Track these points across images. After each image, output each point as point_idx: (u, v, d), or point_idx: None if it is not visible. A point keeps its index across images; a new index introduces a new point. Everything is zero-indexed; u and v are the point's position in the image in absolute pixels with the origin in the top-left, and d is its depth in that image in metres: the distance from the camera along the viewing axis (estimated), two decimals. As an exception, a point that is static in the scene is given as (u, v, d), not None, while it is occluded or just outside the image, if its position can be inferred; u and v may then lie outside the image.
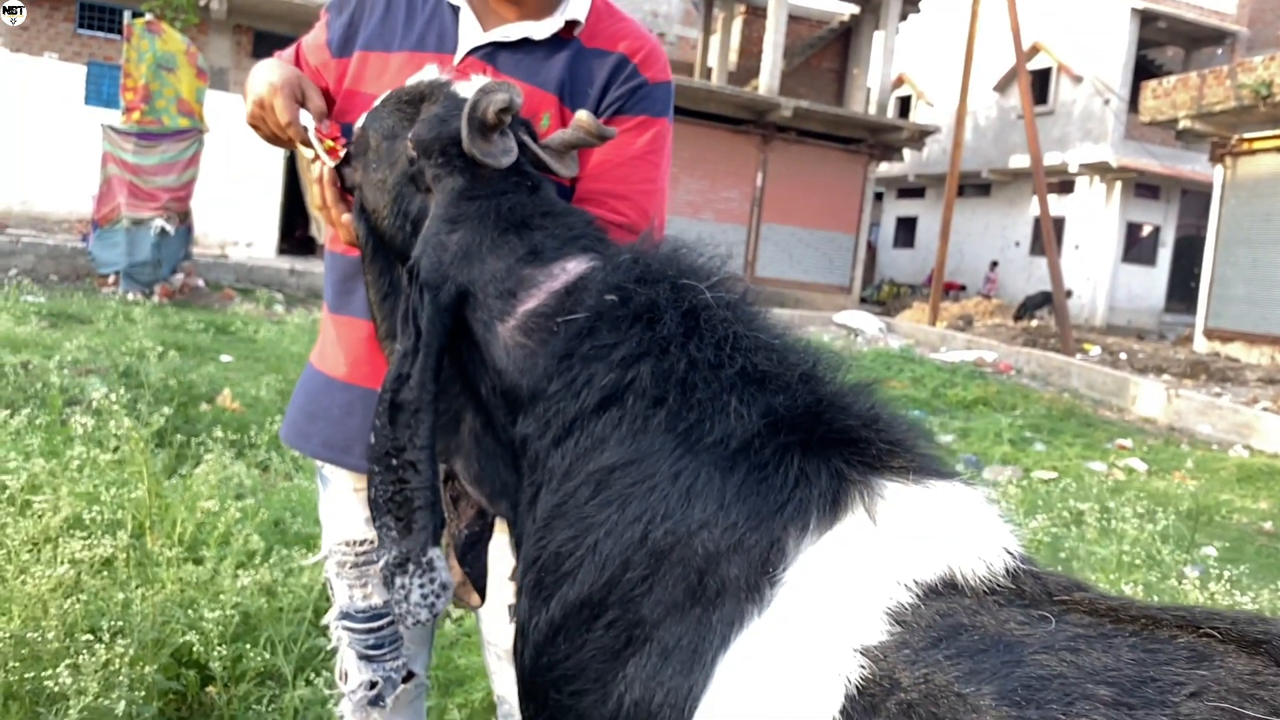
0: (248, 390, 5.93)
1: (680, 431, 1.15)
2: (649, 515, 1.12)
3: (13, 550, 1.89)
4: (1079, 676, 0.85)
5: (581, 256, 1.32)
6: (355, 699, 1.80)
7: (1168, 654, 0.86)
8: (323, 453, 1.74)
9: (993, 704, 0.85)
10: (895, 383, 10.13)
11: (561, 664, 1.16)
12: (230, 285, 12.42)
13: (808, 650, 0.97)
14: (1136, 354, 14.72)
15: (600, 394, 1.19)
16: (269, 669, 2.20)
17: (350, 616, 1.76)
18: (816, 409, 1.14)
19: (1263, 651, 0.84)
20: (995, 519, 1.05)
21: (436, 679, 2.55)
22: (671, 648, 1.07)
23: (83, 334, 6.93)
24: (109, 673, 1.76)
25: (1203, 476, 7.27)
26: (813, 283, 21.82)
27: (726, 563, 1.07)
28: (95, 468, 2.70)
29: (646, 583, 1.11)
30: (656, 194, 1.63)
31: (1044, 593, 0.97)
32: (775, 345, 1.22)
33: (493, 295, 1.30)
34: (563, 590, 1.17)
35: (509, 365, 1.28)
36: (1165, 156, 22.66)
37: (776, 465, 1.10)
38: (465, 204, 1.36)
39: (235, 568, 2.43)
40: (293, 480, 3.75)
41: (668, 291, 1.24)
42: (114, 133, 10.84)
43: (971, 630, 0.93)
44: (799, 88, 23.13)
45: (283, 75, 1.53)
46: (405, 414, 1.27)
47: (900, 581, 0.98)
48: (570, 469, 1.20)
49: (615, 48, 1.60)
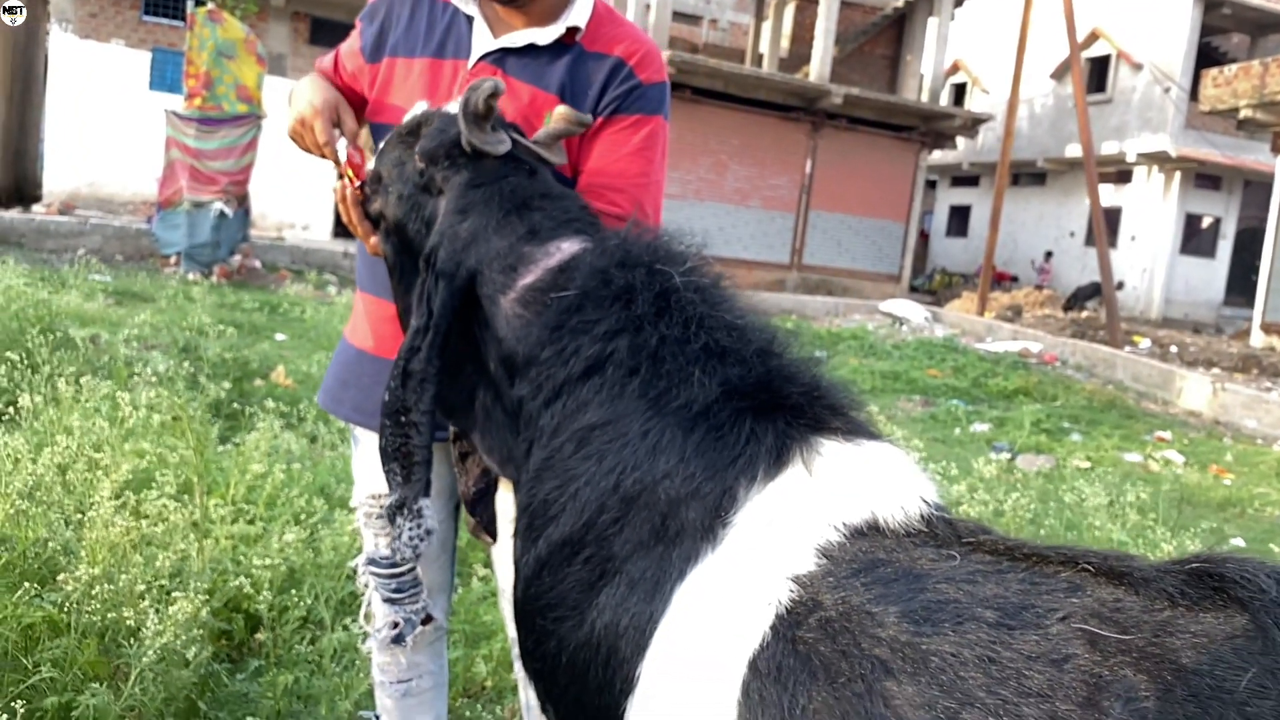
0: (300, 367, 6.20)
1: (651, 397, 1.32)
2: (621, 467, 1.29)
3: (98, 502, 2.11)
4: (971, 602, 1.00)
5: (575, 238, 1.49)
6: (380, 638, 1.99)
7: (1048, 585, 1.01)
8: (354, 416, 1.93)
9: (895, 620, 1.00)
10: (935, 371, 10.15)
11: (546, 595, 1.33)
12: (286, 267, 12.78)
13: (749, 579, 1.13)
14: (1188, 347, 14.51)
15: (585, 363, 1.36)
16: (310, 614, 2.41)
17: (375, 563, 1.95)
18: (767, 379, 1.30)
19: (1125, 582, 0.98)
20: (916, 473, 1.21)
21: (464, 633, 2.75)
22: (637, 579, 1.24)
23: (145, 311, 7.26)
24: (177, 617, 1.97)
25: (1242, 470, 7.24)
26: (861, 271, 21.73)
27: (685, 507, 1.23)
28: (156, 431, 2.93)
29: (618, 524, 1.28)
30: (650, 187, 1.78)
31: (954, 535, 1.12)
32: (736, 324, 1.38)
33: (497, 270, 1.48)
34: (548, 532, 1.34)
35: (508, 334, 1.45)
36: (1227, 146, 22.16)
37: (731, 426, 1.26)
38: (472, 192, 1.54)
39: (282, 526, 2.64)
40: (337, 450, 3.97)
41: (644, 275, 1.40)
42: (176, 118, 11.24)
43: (887, 564, 1.08)
44: (851, 74, 22.99)
45: (324, 98, 1.70)
46: (413, 381, 1.46)
47: (830, 523, 1.14)
48: (558, 427, 1.37)
49: (613, 51, 1.75)
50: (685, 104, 19.27)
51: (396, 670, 2.01)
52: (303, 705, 2.24)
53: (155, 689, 1.90)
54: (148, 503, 2.29)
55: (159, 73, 16.54)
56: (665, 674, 1.16)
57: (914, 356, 11.13)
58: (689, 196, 19.89)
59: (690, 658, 1.13)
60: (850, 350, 11.33)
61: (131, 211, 15.22)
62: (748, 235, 20.64)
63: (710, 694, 1.08)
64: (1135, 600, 0.96)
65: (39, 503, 2.17)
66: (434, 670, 2.05)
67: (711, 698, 1.08)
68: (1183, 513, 5.24)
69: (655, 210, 1.80)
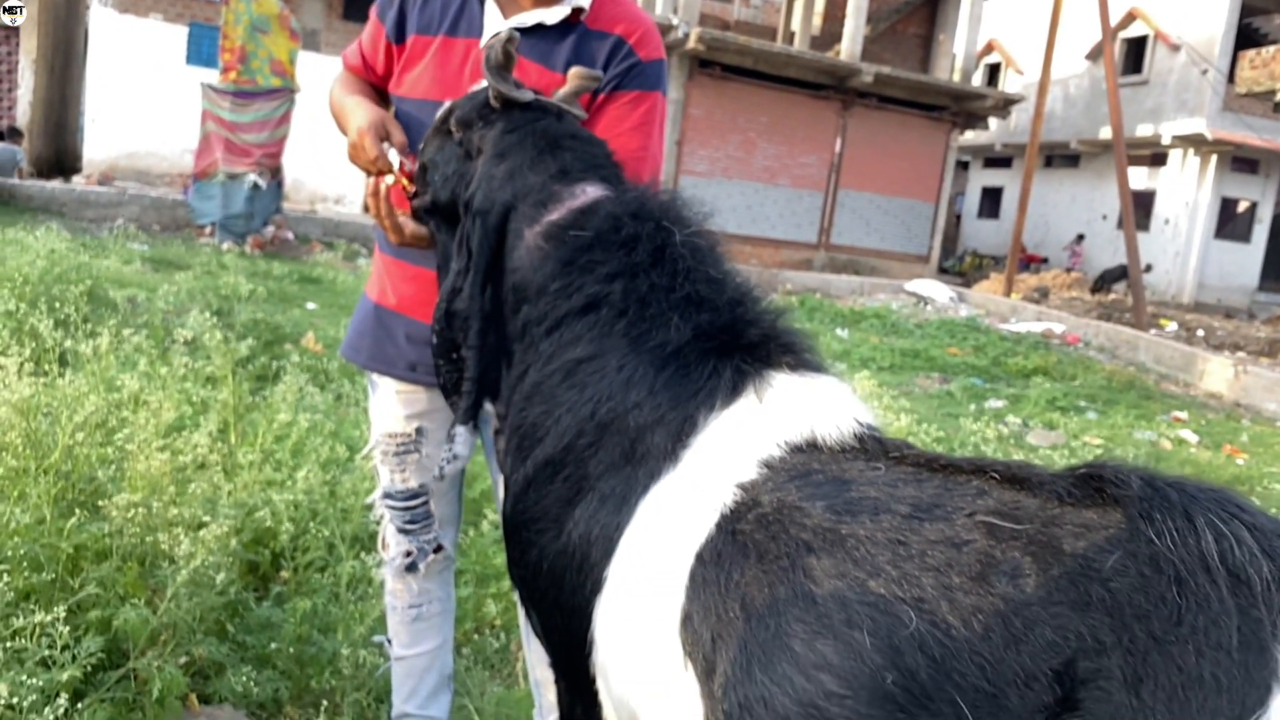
0: (329, 332, 6.40)
1: (633, 337, 1.47)
2: (599, 397, 1.45)
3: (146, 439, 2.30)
4: (888, 500, 1.16)
5: (599, 185, 1.63)
6: (394, 565, 2.17)
7: (959, 490, 1.16)
8: (371, 364, 2.10)
9: (820, 512, 1.16)
10: (955, 350, 10.21)
11: (531, 509, 1.50)
12: (317, 239, 13.02)
13: (701, 489, 1.29)
14: (1215, 331, 14.43)
15: (585, 299, 1.52)
16: (328, 545, 2.60)
17: (391, 496, 2.12)
18: (732, 324, 1.46)
19: (1024, 487, 1.13)
20: (853, 400, 1.36)
21: (475, 573, 2.93)
22: (607, 495, 1.40)
23: (180, 277, 7.49)
24: (208, 541, 2.15)
25: (1257, 450, 7.28)
26: (890, 251, 21.68)
27: (652, 433, 1.39)
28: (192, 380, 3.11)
29: (593, 448, 1.44)
30: (648, 159, 1.91)
31: (882, 450, 1.27)
32: (716, 278, 1.53)
33: (530, 205, 1.62)
34: (534, 453, 1.50)
35: (526, 263, 1.59)
36: (1265, 129, 21.82)
37: (697, 364, 1.42)
38: (507, 138, 1.68)
39: (306, 470, 2.83)
40: (360, 405, 4.16)
41: (650, 228, 1.55)
42: (212, 91, 11.46)
43: (820, 473, 1.23)
44: (883, 53, 22.85)
45: (369, 120, 1.83)
46: (458, 319, 1.63)
47: (774, 441, 1.30)
48: (553, 355, 1.53)
49: (614, 30, 1.89)
50: (715, 81, 19.27)
51: (408, 596, 2.18)
52: (321, 631, 2.43)
53: (189, 607, 2.09)
54: (185, 443, 2.48)
55: (195, 47, 16.79)
56: (628, 573, 1.32)
57: (935, 335, 11.18)
58: (717, 175, 19.92)
59: (648, 557, 1.29)
60: (872, 328, 11.40)
61: (168, 183, 15.52)
62: (775, 214, 20.64)
63: (663, 583, 1.24)
64: (1031, 500, 1.11)
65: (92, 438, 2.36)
66: (442, 597, 2.23)
67: (664, 587, 1.24)
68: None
69: (654, 179, 1.93)
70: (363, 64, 2.03)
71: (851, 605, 1.07)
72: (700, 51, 18.39)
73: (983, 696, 1.00)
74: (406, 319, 2.02)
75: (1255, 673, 0.92)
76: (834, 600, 1.08)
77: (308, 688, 2.31)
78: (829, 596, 1.09)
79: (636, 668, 1.28)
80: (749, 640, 1.11)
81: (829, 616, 1.07)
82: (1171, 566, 0.98)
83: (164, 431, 2.46)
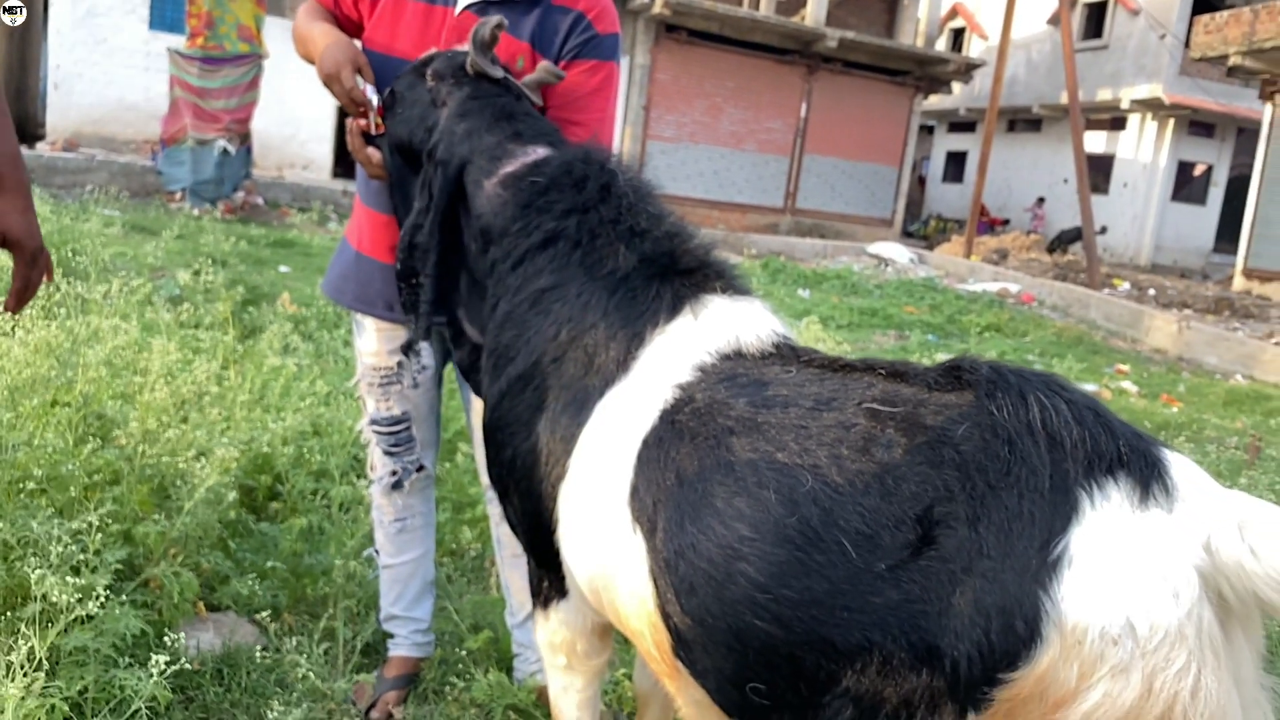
0: (304, 292, 6.60)
1: (587, 265, 1.73)
2: (560, 319, 1.71)
3: (153, 375, 2.54)
4: (797, 395, 1.43)
5: (548, 148, 1.90)
6: (381, 484, 2.43)
7: (854, 385, 1.43)
8: (355, 305, 2.34)
9: (743, 405, 1.43)
10: (912, 309, 10.56)
11: (505, 417, 1.76)
12: (287, 204, 13.12)
13: (647, 391, 1.56)
14: (1166, 290, 14.91)
15: (544, 236, 1.78)
16: (320, 471, 2.85)
17: (377, 422, 2.38)
18: (672, 253, 1.72)
19: (903, 379, 1.41)
20: (772, 317, 1.63)
21: (452, 501, 3.20)
22: (569, 402, 1.67)
23: (154, 243, 7.64)
24: (218, 465, 2.40)
25: (1192, 399, 7.68)
26: (854, 215, 22.02)
27: (606, 349, 1.66)
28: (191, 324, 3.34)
29: (557, 363, 1.70)
30: (605, 120, 2.17)
31: (795, 356, 1.55)
32: (655, 213, 1.79)
33: (485, 159, 1.89)
34: (508, 370, 1.77)
35: (488, 209, 1.85)
36: (1220, 94, 22.29)
37: (643, 288, 1.69)
38: (470, 103, 1.95)
39: (300, 403, 3.08)
40: (340, 354, 4.39)
41: (597, 170, 1.81)
42: (180, 57, 11.50)
43: (744, 375, 1.51)
44: (849, 18, 23.04)
45: (347, 55, 2.04)
46: (419, 251, 1.89)
47: (706, 350, 1.57)
48: (520, 287, 1.79)
49: (575, 5, 2.13)
50: (680, 46, 19.40)
51: (393, 511, 2.45)
52: (314, 547, 2.69)
53: (199, 520, 2.34)
54: (188, 378, 2.72)
55: (159, 12, 16.64)
56: (587, 461, 1.59)
57: (894, 295, 11.53)
58: (684, 139, 20.10)
59: (604, 447, 1.57)
60: (833, 289, 11.72)
61: (135, 149, 15.49)
62: (742, 179, 20.88)
63: (615, 466, 1.51)
64: (907, 389, 1.39)
65: (104, 377, 2.60)
66: (424, 512, 2.49)
67: (616, 469, 1.51)
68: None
69: (608, 141, 2.19)
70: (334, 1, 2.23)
71: (762, 471, 1.34)
72: (666, 16, 18.51)
73: (862, 537, 1.28)
74: (380, 264, 2.26)
75: (1060, 508, 1.20)
76: (748, 468, 1.36)
77: (304, 596, 2.58)
78: (744, 465, 1.36)
79: (595, 536, 1.55)
80: (682, 501, 1.39)
81: (744, 480, 1.35)
82: (1005, 432, 1.26)
83: (167, 371, 2.69)
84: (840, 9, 22.81)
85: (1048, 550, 1.18)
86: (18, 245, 1.61)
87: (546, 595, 1.82)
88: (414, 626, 2.51)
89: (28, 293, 1.67)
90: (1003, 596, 1.19)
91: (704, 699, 1.47)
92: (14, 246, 1.62)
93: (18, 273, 1.64)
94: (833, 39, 19.58)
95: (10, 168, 1.59)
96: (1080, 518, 1.19)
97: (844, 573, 1.27)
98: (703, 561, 1.35)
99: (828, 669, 1.29)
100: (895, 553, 1.26)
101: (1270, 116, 17.51)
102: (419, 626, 2.51)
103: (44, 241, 1.70)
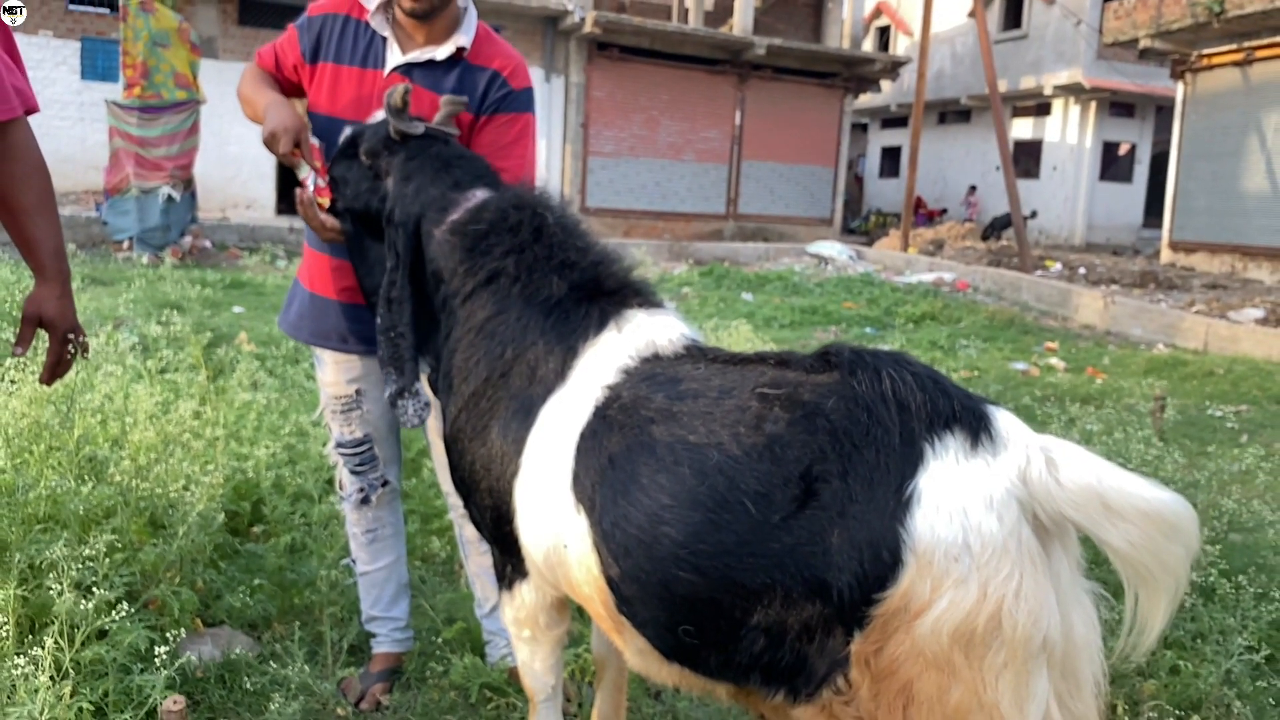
0: (261, 330, 6.81)
1: (525, 296, 2.03)
2: (505, 341, 2.00)
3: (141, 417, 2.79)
4: (704, 387, 1.73)
5: (485, 190, 2.19)
6: (351, 500, 2.69)
7: (752, 374, 1.74)
8: (312, 340, 2.60)
9: (660, 398, 1.73)
10: (851, 304, 10.97)
11: (463, 428, 2.05)
12: (234, 245, 13.24)
13: (581, 393, 1.85)
14: (1096, 268, 15.49)
15: (487, 274, 2.07)
16: (299, 493, 3.11)
17: (342, 445, 2.64)
18: (597, 278, 2.02)
19: (787, 366, 1.71)
20: (685, 324, 1.94)
21: (420, 513, 3.47)
22: (517, 409, 1.95)
23: (109, 293, 7.79)
24: (208, 491, 2.65)
25: (1116, 370, 8.13)
26: (794, 216, 22.52)
27: (545, 363, 1.95)
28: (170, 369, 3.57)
29: (505, 378, 1.99)
30: (526, 163, 2.46)
31: (703, 355, 1.85)
32: (582, 246, 2.09)
33: (434, 211, 2.17)
34: (462, 389, 2.06)
35: (439, 254, 2.14)
36: (1136, 75, 23.13)
37: (574, 309, 1.99)
38: (410, 164, 2.23)
39: (275, 433, 3.33)
40: (304, 386, 4.63)
41: (529, 215, 2.10)
42: (118, 108, 11.61)
43: (661, 374, 1.81)
44: (777, 24, 23.60)
45: (288, 124, 2.22)
46: (395, 305, 2.16)
47: (629, 355, 1.87)
48: (468, 318, 2.07)
49: (491, 64, 2.42)
50: (614, 63, 19.78)
51: (364, 523, 2.71)
52: (298, 560, 2.94)
53: (194, 543, 2.59)
54: (172, 418, 2.97)
55: (90, 62, 16.67)
56: (535, 458, 1.88)
57: (833, 292, 11.94)
58: (624, 154, 20.47)
59: (548, 444, 1.85)
60: (775, 290, 12.10)
61: (75, 200, 15.49)
62: (684, 188, 21.30)
63: (559, 459, 1.80)
64: (790, 374, 1.69)
65: (93, 422, 2.84)
66: (393, 522, 2.75)
67: (560, 461, 1.80)
68: (1045, 408, 6.05)
69: (531, 180, 2.47)
70: (274, 64, 2.49)
71: (678, 451, 1.64)
72: (597, 34, 18.88)
73: (759, 496, 1.57)
74: (336, 302, 2.53)
75: (909, 458, 1.51)
76: (666, 449, 1.65)
77: (292, 605, 2.83)
78: (664, 447, 1.66)
79: (546, 519, 1.84)
80: (614, 481, 1.68)
81: (663, 459, 1.65)
82: (865, 401, 1.57)
83: (151, 412, 2.94)
84: (767, 16, 23.37)
85: (901, 492, 1.49)
86: (52, 326, 1.91)
87: (510, 578, 2.10)
88: (393, 625, 2.77)
89: (60, 368, 1.96)
90: (870, 533, 1.49)
91: (646, 647, 1.76)
92: (49, 327, 1.91)
93: (52, 349, 1.93)
94: (761, 47, 20.08)
95: (53, 260, 1.88)
96: (925, 465, 1.50)
97: (747, 526, 1.57)
98: (634, 529, 1.64)
99: (742, 607, 1.59)
100: (785, 506, 1.56)
101: (1183, 94, 18.27)
102: (398, 625, 2.77)
103: (78, 323, 1.98)
